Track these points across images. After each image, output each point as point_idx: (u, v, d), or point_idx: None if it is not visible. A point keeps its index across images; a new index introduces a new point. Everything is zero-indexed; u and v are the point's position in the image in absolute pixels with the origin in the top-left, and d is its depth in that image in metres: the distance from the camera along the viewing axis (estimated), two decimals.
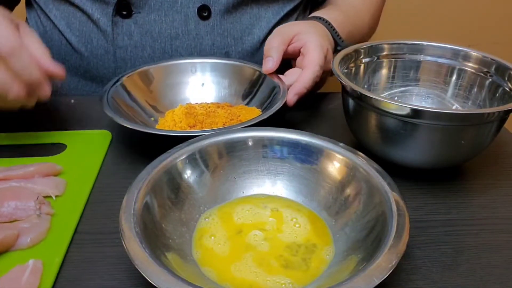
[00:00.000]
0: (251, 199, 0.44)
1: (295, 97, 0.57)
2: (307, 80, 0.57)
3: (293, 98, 0.57)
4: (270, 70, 0.59)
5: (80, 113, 0.62)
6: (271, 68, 0.59)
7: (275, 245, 0.39)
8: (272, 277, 0.36)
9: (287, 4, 0.72)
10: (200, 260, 0.37)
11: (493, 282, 0.38)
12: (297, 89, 0.57)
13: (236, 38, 0.69)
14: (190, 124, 0.55)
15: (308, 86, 0.58)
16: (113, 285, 0.37)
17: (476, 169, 0.52)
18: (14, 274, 0.36)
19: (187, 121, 0.55)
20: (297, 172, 0.44)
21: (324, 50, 0.60)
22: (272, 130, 0.45)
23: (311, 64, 0.58)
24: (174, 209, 0.40)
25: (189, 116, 0.56)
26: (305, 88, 0.57)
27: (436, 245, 0.42)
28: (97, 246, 0.41)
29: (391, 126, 0.46)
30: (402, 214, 0.35)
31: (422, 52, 0.58)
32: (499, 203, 0.47)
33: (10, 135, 0.56)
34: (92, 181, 0.48)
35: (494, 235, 0.43)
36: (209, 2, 0.66)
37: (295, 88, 0.57)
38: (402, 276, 0.38)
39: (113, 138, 0.56)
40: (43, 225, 0.41)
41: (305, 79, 0.57)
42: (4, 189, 0.45)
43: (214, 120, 0.56)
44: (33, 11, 0.74)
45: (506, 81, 0.52)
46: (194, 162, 0.43)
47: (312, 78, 0.58)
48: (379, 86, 0.60)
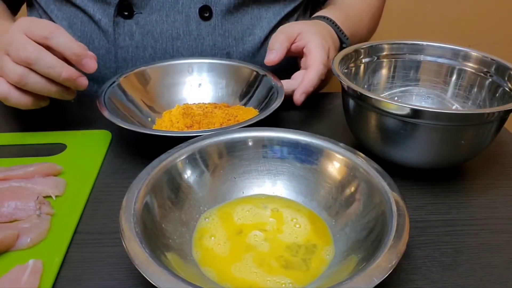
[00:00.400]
0: (251, 199, 0.44)
1: (303, 96, 0.58)
2: (313, 79, 0.58)
3: (300, 97, 0.58)
4: (272, 61, 0.60)
5: (80, 113, 0.62)
6: (273, 60, 0.59)
7: (275, 245, 0.39)
8: (272, 278, 0.36)
9: (288, 4, 0.72)
10: (200, 260, 0.37)
11: (493, 282, 0.38)
12: (304, 88, 0.58)
13: (237, 38, 0.69)
14: (187, 125, 0.55)
15: (314, 84, 0.59)
16: (113, 285, 0.37)
17: (476, 169, 0.52)
18: (14, 274, 0.36)
19: (184, 121, 0.55)
20: (297, 172, 0.44)
21: (326, 49, 0.61)
22: (272, 130, 0.45)
23: (315, 63, 0.59)
24: (174, 209, 0.40)
25: (186, 117, 0.56)
26: (311, 86, 0.58)
27: (436, 245, 0.42)
28: (97, 246, 0.41)
29: (391, 126, 0.46)
30: (402, 214, 0.35)
31: (422, 52, 0.58)
32: (499, 203, 0.47)
33: (10, 135, 0.56)
34: (92, 181, 0.48)
35: (494, 235, 0.43)
36: (211, 3, 0.66)
37: (302, 87, 0.58)
38: (402, 276, 0.38)
39: (113, 138, 0.56)
40: (43, 225, 0.41)
41: (310, 78, 0.58)
42: (4, 189, 0.45)
43: (211, 121, 0.56)
44: (34, 11, 0.74)
45: (506, 81, 0.52)
46: (194, 162, 0.43)
47: (317, 76, 0.59)
48: (379, 86, 0.60)
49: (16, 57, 0.49)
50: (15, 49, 0.49)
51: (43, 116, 0.61)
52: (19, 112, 0.63)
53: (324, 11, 0.70)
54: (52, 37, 0.50)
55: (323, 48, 0.60)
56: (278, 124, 0.59)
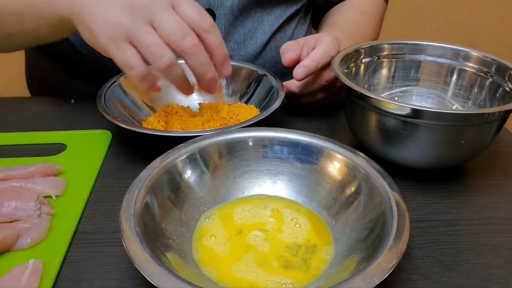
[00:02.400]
0: (251, 199, 0.44)
1: (302, 70, 0.55)
2: (318, 55, 0.55)
3: (299, 70, 0.55)
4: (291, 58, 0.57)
5: (80, 113, 0.62)
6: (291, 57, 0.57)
7: (276, 245, 0.39)
8: (272, 277, 0.36)
9: (289, 7, 0.72)
10: (200, 260, 0.38)
11: (493, 282, 0.38)
12: (307, 62, 0.55)
13: (239, 42, 0.69)
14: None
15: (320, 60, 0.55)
16: (113, 285, 0.37)
17: (476, 169, 0.52)
18: (14, 274, 0.36)
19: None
20: (297, 172, 0.44)
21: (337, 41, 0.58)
22: (272, 130, 0.45)
23: (323, 42, 0.56)
24: (174, 209, 0.40)
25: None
26: (314, 61, 0.55)
27: (436, 245, 0.42)
28: (97, 246, 0.41)
29: (391, 126, 0.46)
30: (402, 214, 0.35)
31: (423, 52, 0.58)
32: (499, 203, 0.47)
33: (10, 135, 0.56)
34: (92, 181, 0.48)
35: (494, 235, 0.43)
36: (214, 6, 0.66)
37: (305, 61, 0.55)
38: (402, 276, 0.38)
39: (113, 138, 0.56)
40: (43, 225, 0.41)
41: (315, 53, 0.55)
42: (4, 189, 0.45)
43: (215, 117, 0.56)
44: None
45: (507, 81, 0.52)
46: (194, 162, 0.43)
47: (323, 53, 0.55)
48: (379, 86, 0.60)
49: (172, 40, 0.45)
50: (169, 30, 0.45)
51: (43, 116, 0.61)
52: (19, 112, 0.63)
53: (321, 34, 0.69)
54: (212, 32, 0.47)
55: (335, 38, 0.58)
56: (278, 124, 0.59)
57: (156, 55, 0.45)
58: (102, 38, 0.46)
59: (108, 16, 0.46)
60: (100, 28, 0.46)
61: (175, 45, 0.45)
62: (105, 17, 0.46)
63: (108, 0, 0.47)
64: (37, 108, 0.64)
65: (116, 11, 0.46)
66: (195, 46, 0.46)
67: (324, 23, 0.77)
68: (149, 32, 0.45)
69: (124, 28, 0.45)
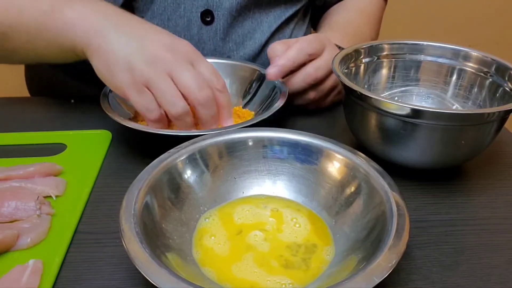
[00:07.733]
0: (251, 199, 0.44)
1: (275, 69, 0.55)
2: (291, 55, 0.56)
3: (271, 70, 0.56)
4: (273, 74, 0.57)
5: (80, 113, 0.62)
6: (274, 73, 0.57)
7: (275, 245, 0.39)
8: (272, 277, 0.36)
9: (289, 8, 0.72)
10: (200, 260, 0.38)
11: (493, 282, 0.38)
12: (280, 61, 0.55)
13: (237, 43, 0.69)
14: None
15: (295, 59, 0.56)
16: (113, 285, 0.37)
17: (476, 169, 0.52)
18: (14, 274, 0.36)
19: None
20: (297, 172, 0.44)
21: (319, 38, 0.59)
22: (272, 130, 0.45)
23: (299, 41, 0.57)
24: (174, 209, 0.40)
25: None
26: (289, 60, 0.55)
27: (436, 245, 0.42)
28: (97, 246, 0.41)
29: (391, 126, 0.46)
30: (402, 214, 0.35)
31: (422, 52, 0.58)
32: (500, 203, 0.47)
33: (10, 135, 0.56)
34: (92, 181, 0.48)
35: (494, 235, 0.43)
36: (213, 7, 0.66)
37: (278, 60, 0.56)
38: (402, 276, 0.38)
39: (113, 138, 0.56)
40: (43, 225, 0.41)
41: (289, 53, 0.56)
42: (4, 189, 0.45)
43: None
44: None
45: (506, 81, 0.52)
46: (194, 162, 0.43)
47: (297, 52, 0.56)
48: (379, 86, 0.60)
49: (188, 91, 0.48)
50: (186, 81, 0.48)
51: (43, 116, 0.61)
52: (19, 112, 0.63)
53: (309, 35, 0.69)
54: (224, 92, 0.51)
55: (315, 36, 0.58)
56: (278, 124, 0.59)
57: (171, 102, 0.48)
58: (122, 80, 0.48)
59: (131, 59, 0.48)
60: (121, 69, 0.48)
61: (191, 95, 0.49)
62: (128, 60, 0.48)
63: (135, 44, 0.49)
64: (37, 108, 0.64)
65: (139, 58, 0.48)
66: (210, 98, 0.50)
67: (322, 23, 0.78)
68: (167, 80, 0.48)
69: (145, 75, 0.48)
